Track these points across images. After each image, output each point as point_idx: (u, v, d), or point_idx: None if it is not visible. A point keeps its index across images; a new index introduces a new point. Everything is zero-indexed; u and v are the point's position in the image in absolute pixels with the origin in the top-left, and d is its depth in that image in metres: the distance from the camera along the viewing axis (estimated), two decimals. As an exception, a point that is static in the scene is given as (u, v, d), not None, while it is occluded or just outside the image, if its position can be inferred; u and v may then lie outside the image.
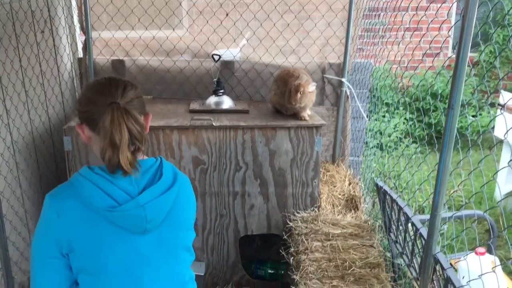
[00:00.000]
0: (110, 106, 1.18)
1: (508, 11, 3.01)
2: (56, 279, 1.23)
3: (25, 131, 2.59)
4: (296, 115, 2.55)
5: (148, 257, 1.25)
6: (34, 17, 2.68)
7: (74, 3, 3.17)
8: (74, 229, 1.19)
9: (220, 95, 2.80)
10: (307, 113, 2.54)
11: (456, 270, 2.21)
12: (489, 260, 2.19)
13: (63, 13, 3.07)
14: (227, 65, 3.09)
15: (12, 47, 2.44)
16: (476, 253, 2.17)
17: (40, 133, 2.76)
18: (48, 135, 2.85)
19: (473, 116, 5.28)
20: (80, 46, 3.25)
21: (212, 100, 2.79)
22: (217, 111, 2.71)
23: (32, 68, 2.65)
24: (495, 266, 1.60)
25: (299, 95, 2.45)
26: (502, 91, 4.50)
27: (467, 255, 2.08)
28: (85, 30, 3.02)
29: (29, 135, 2.63)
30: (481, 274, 1.50)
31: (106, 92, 1.21)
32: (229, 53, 3.05)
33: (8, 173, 2.38)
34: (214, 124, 2.44)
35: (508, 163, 4.34)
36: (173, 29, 3.05)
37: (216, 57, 2.96)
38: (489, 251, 2.33)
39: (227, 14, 3.01)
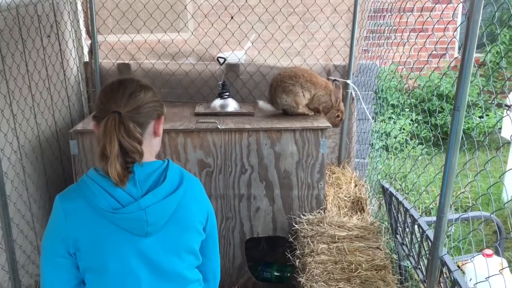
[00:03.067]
0: (110, 114, 1.19)
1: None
2: (64, 277, 1.25)
3: (32, 135, 2.61)
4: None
5: (150, 258, 1.25)
6: (40, 22, 2.70)
7: (80, 8, 3.19)
8: (80, 229, 1.21)
9: (225, 98, 2.80)
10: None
11: (463, 273, 2.19)
12: (497, 262, 2.17)
13: (69, 17, 3.10)
14: (232, 68, 3.09)
15: (18, 52, 2.46)
16: (483, 255, 2.16)
17: (47, 137, 2.77)
18: (54, 139, 2.87)
19: (479, 117, 5.25)
20: (86, 50, 3.27)
21: (217, 103, 2.80)
22: (222, 114, 2.71)
23: (39, 72, 2.67)
24: (503, 268, 1.58)
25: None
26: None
27: (474, 257, 2.07)
28: (91, 34, 3.04)
29: (35, 139, 2.65)
30: (489, 276, 1.49)
31: (112, 99, 1.23)
32: (234, 55, 3.06)
33: (15, 177, 2.40)
34: (219, 127, 2.44)
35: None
36: (178, 32, 3.06)
37: (221, 60, 2.97)
38: (497, 253, 2.32)
39: (232, 17, 3.02)
